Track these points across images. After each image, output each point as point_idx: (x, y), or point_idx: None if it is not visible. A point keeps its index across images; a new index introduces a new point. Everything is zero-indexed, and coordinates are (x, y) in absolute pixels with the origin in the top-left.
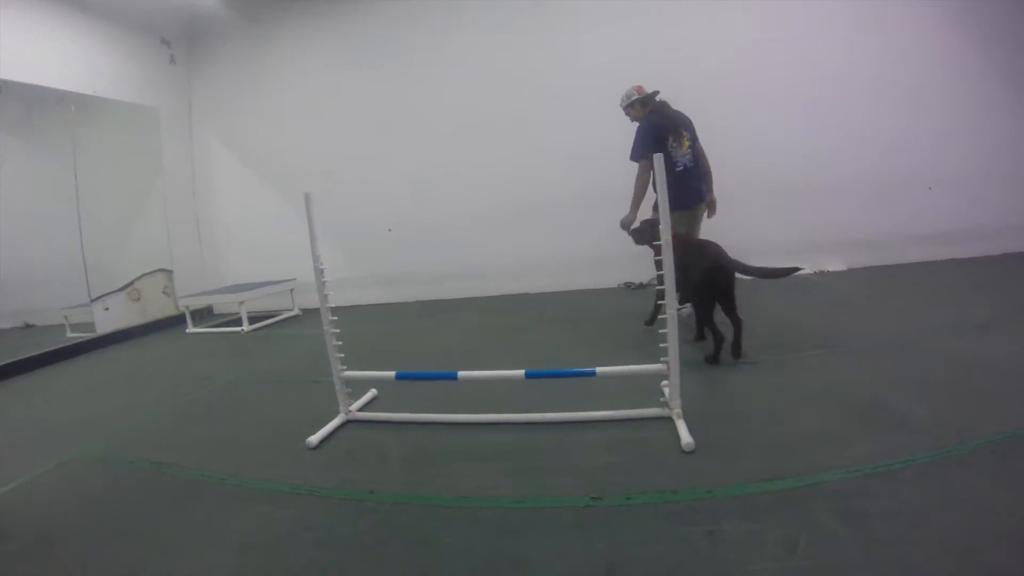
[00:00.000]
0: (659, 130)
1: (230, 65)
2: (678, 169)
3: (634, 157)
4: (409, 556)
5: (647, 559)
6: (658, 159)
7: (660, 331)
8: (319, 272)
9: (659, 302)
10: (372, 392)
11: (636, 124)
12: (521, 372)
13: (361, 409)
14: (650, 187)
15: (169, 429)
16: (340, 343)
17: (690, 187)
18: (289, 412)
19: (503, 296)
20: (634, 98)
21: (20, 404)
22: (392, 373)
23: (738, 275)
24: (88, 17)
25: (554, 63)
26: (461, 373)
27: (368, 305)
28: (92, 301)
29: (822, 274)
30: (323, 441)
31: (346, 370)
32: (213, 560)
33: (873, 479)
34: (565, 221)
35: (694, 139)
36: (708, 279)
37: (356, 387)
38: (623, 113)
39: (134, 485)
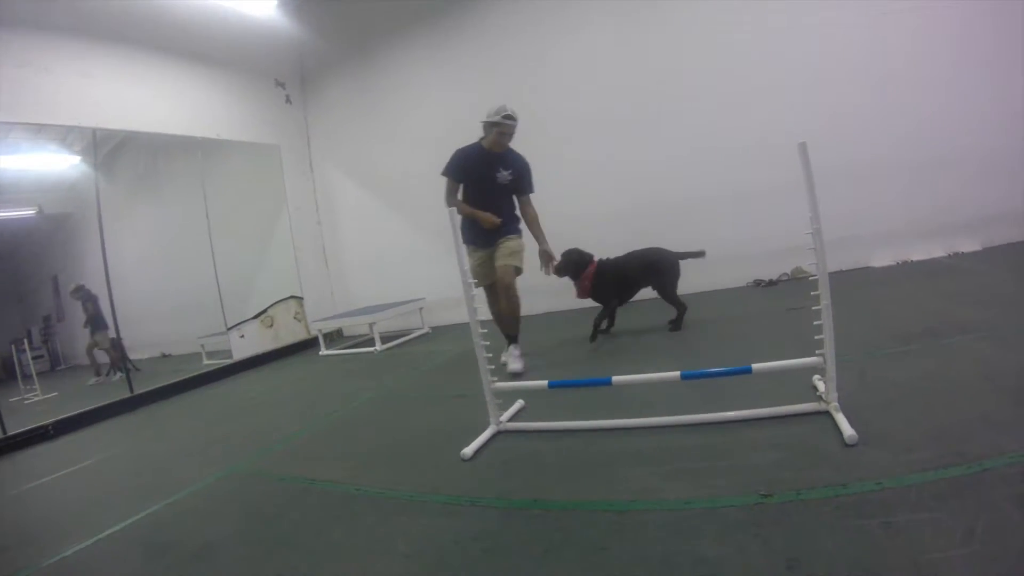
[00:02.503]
0: None
1: (343, 97)
2: None
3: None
4: (584, 562)
5: (826, 553)
6: None
7: (815, 323)
8: (468, 287)
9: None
10: (520, 403)
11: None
12: (676, 374)
13: (510, 420)
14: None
15: (317, 445)
16: (489, 355)
17: None
18: (436, 426)
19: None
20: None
21: (169, 426)
22: (544, 382)
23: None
24: (206, 67)
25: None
26: (616, 378)
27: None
28: (228, 329)
29: (956, 256)
30: (477, 452)
31: (496, 381)
32: (382, 568)
33: None
34: (689, 220)
35: None
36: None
37: (504, 399)
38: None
39: (291, 498)
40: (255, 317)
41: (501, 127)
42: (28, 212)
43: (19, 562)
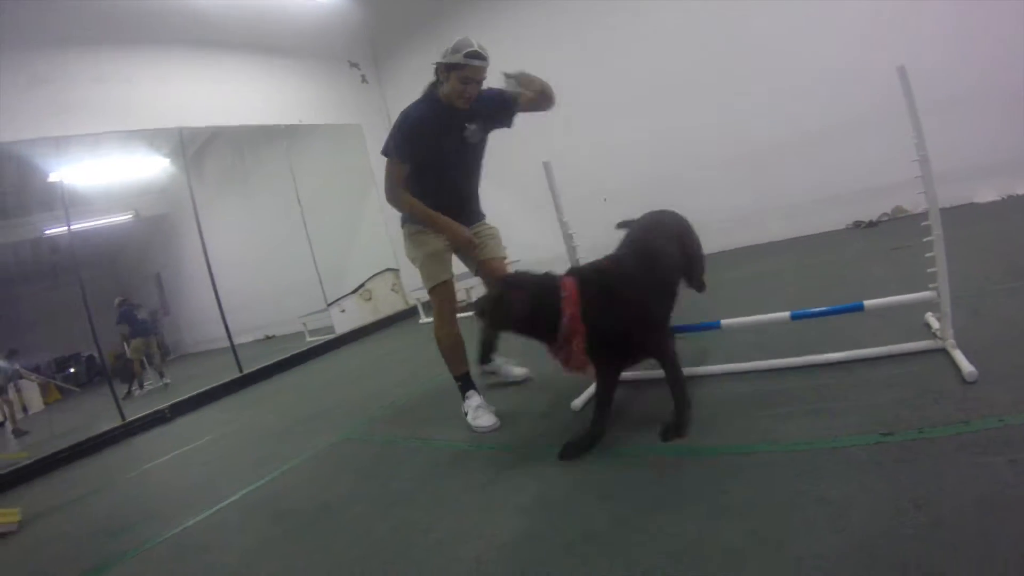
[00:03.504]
0: None
1: (416, 71)
2: None
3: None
4: (707, 505)
5: (952, 491)
6: None
7: (927, 255)
8: (568, 237)
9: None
10: None
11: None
12: (786, 314)
13: None
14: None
15: (424, 408)
16: None
17: None
18: (543, 382)
19: (726, 252)
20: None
21: (279, 400)
22: None
23: None
24: (279, 56)
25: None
26: (724, 321)
27: None
28: (328, 306)
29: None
30: (586, 404)
31: None
32: (500, 521)
33: None
34: (780, 164)
35: None
36: None
37: None
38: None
39: (403, 458)
40: (354, 292)
41: (466, 71)
42: (126, 216)
43: (144, 535)
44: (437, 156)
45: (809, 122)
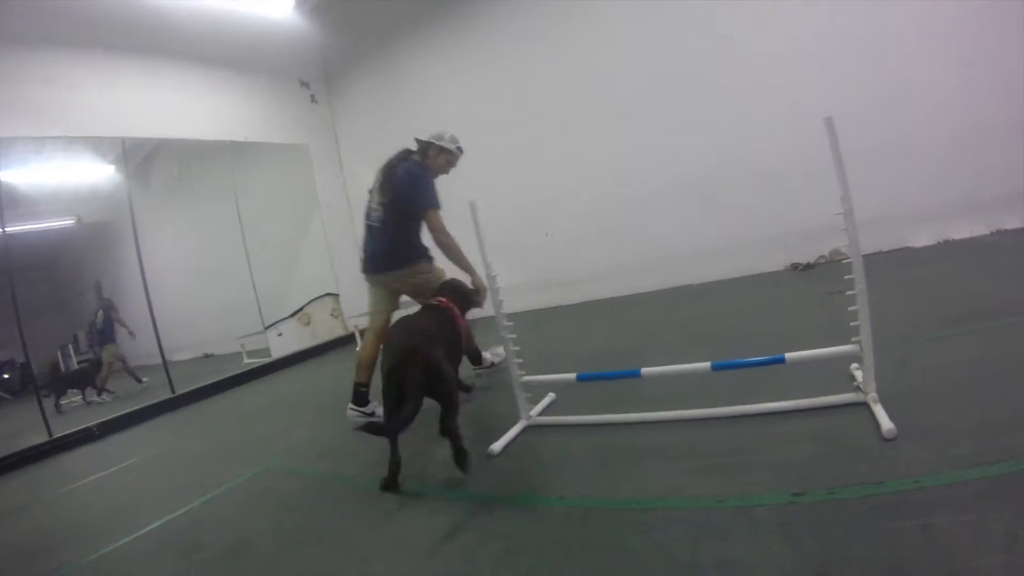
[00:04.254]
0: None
1: (367, 94)
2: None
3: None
4: (607, 561)
5: (860, 558)
6: None
7: (850, 308)
8: (492, 279)
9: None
10: (550, 396)
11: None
12: (707, 364)
13: (541, 414)
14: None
15: (349, 441)
16: (518, 348)
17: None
18: (467, 420)
19: (663, 291)
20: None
21: (208, 425)
22: (572, 375)
23: None
24: (230, 71)
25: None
26: (644, 370)
27: (531, 311)
28: (266, 328)
29: (999, 233)
30: (505, 447)
31: (525, 375)
32: (406, 566)
33: None
34: (723, 204)
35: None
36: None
37: (534, 392)
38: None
39: (322, 494)
40: (292, 315)
41: (454, 158)
42: (67, 221)
43: (61, 559)
44: None
45: (749, 163)
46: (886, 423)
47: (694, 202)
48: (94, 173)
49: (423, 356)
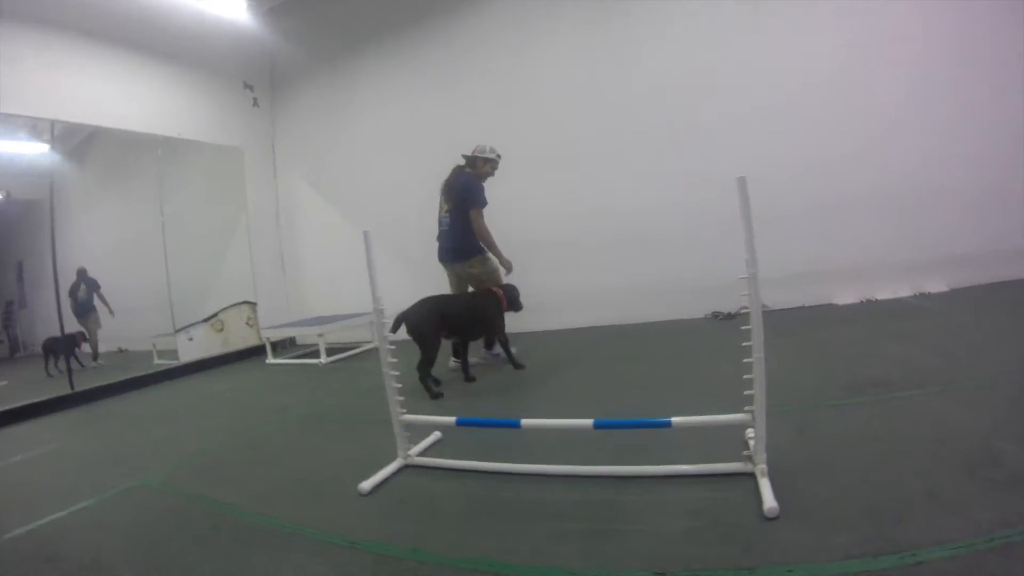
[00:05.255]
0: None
1: (311, 104)
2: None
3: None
4: None
5: None
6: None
7: (745, 376)
8: (379, 312)
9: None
10: (436, 435)
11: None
12: (589, 421)
13: (423, 453)
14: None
15: (231, 463)
16: (400, 385)
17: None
18: (351, 452)
19: (577, 329)
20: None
21: (102, 427)
22: (453, 419)
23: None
24: (172, 64)
25: (639, 83)
26: (525, 421)
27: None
28: (176, 331)
29: (922, 296)
30: (377, 487)
31: (405, 413)
32: None
33: (989, 555)
34: (648, 250)
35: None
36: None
37: (414, 432)
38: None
39: (185, 521)
40: (205, 320)
41: (495, 163)
42: None
43: None
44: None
45: (679, 211)
46: (769, 500)
47: (625, 243)
48: (29, 150)
49: (416, 319)
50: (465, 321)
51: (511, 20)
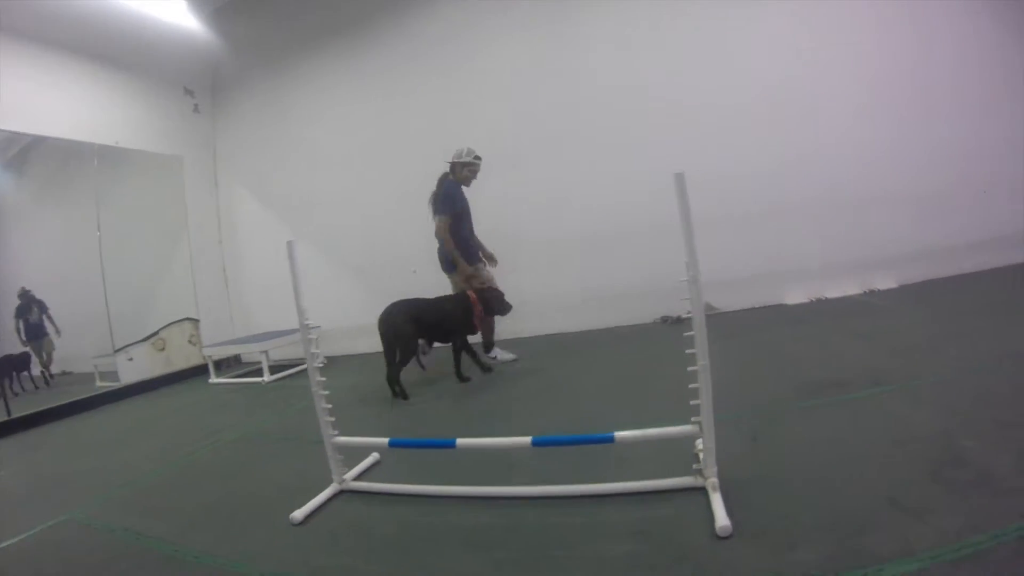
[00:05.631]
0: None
1: (254, 112)
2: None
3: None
4: None
5: None
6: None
7: (691, 385)
8: (305, 328)
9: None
10: (374, 456)
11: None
12: (527, 439)
13: (360, 476)
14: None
15: (161, 492)
16: (330, 406)
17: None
18: (286, 477)
19: (527, 339)
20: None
21: (36, 456)
22: (385, 440)
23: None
24: (111, 69)
25: (588, 86)
26: (460, 441)
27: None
28: (116, 352)
29: (871, 293)
30: (311, 515)
31: (338, 435)
32: None
33: (957, 565)
34: (598, 254)
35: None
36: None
37: (348, 454)
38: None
39: (111, 558)
40: (146, 339)
41: (474, 166)
42: None
43: None
44: (466, 215)
45: (627, 213)
46: (721, 517)
47: (575, 250)
48: None
49: (391, 322)
50: (433, 323)
51: (458, 24)
